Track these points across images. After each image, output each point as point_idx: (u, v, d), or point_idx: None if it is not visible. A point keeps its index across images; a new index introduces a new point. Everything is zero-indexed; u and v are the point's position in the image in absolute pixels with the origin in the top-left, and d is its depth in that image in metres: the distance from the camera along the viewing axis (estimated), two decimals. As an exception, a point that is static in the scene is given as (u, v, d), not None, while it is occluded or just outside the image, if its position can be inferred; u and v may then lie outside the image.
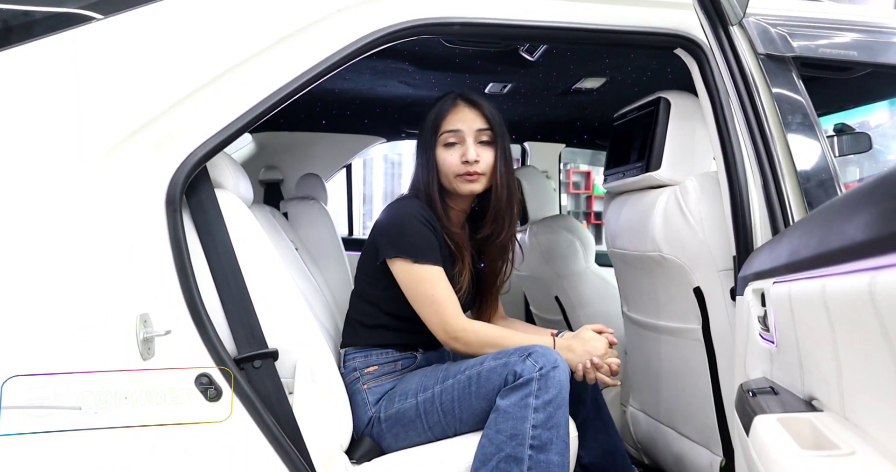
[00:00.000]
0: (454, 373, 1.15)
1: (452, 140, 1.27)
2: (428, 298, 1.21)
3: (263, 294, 1.06)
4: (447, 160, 1.27)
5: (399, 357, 1.28)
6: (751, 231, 1.07)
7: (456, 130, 1.27)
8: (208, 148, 1.01)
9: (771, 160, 1.04)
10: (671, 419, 1.45)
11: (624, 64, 1.64)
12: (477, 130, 1.27)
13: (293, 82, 1.07)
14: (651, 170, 1.33)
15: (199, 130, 1.01)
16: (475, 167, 1.25)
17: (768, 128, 1.06)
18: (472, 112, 1.28)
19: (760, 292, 0.79)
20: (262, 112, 1.05)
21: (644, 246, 1.36)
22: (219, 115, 1.02)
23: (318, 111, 2.28)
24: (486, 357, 1.13)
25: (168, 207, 0.98)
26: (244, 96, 1.04)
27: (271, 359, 1.05)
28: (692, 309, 1.27)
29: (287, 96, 1.07)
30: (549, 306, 2.12)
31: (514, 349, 1.10)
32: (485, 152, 1.27)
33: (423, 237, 1.22)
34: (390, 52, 1.63)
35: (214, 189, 1.08)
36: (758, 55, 1.11)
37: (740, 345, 0.93)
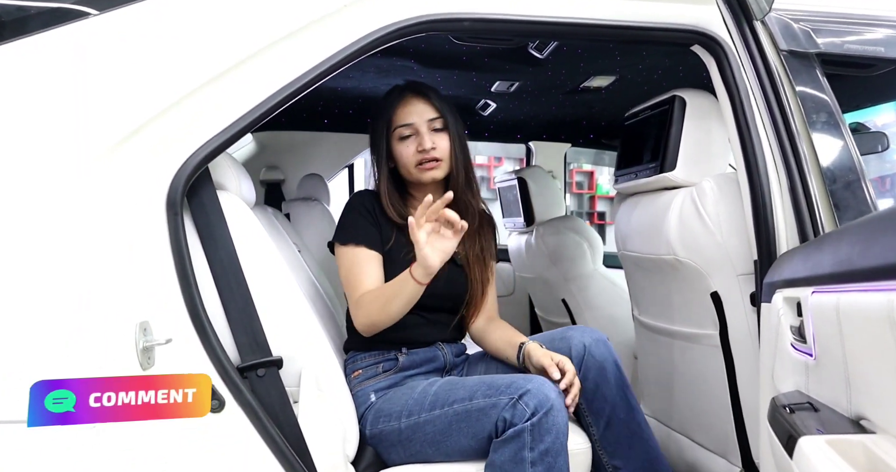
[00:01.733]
0: (442, 402, 1.10)
1: (407, 133, 1.28)
2: (345, 281, 1.25)
3: (267, 300, 1.03)
4: (404, 153, 1.28)
5: (381, 359, 1.25)
6: (774, 235, 1.03)
7: (409, 123, 1.28)
8: (210, 149, 0.97)
9: (798, 161, 1.00)
10: (685, 426, 1.41)
11: (635, 62, 1.60)
12: (429, 119, 1.28)
13: (297, 81, 1.03)
14: (665, 170, 1.30)
15: (200, 130, 0.97)
16: (432, 154, 1.26)
17: (795, 127, 1.02)
18: (422, 103, 1.29)
19: (795, 301, 0.75)
20: (265, 111, 1.01)
21: (658, 249, 1.32)
22: (221, 114, 0.99)
23: (320, 110, 2.24)
24: (476, 390, 1.07)
25: (169, 210, 0.94)
26: (247, 95, 1.00)
27: (275, 367, 1.01)
28: (709, 314, 1.23)
29: (291, 95, 1.03)
30: (556, 308, 2.08)
31: (507, 384, 1.05)
32: (440, 139, 1.28)
33: (351, 220, 1.27)
34: (396, 50, 1.59)
35: (216, 191, 1.05)
36: (780, 52, 1.07)
37: (766, 354, 0.90)
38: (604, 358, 1.17)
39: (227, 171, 1.12)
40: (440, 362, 1.27)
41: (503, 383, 1.06)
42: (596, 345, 1.18)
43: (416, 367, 1.25)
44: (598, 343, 1.19)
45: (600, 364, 1.16)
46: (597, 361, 1.16)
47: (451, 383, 1.14)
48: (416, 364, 1.25)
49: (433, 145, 1.26)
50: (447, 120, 1.29)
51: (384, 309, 1.16)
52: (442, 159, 1.27)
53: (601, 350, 1.17)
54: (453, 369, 1.30)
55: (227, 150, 1.05)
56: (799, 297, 0.73)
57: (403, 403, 1.14)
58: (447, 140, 1.29)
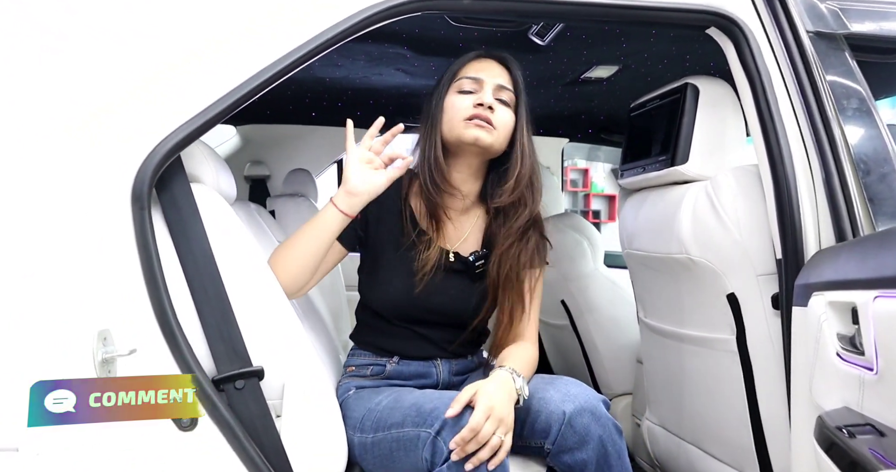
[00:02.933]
0: (382, 425, 0.98)
1: (468, 88, 1.10)
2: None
3: (247, 304, 0.93)
4: (456, 104, 1.09)
5: (372, 362, 1.15)
6: (801, 231, 0.95)
7: (476, 77, 1.10)
8: (182, 135, 0.87)
9: (835, 151, 0.92)
10: (695, 435, 1.33)
11: (641, 50, 1.52)
12: (498, 85, 1.11)
13: (281, 61, 0.93)
14: (677, 164, 1.21)
15: (171, 114, 0.87)
16: (489, 113, 1.07)
17: (830, 115, 0.94)
18: (499, 67, 1.13)
19: (847, 307, 0.67)
20: (244, 95, 0.91)
21: (668, 248, 1.24)
22: (194, 97, 0.89)
23: (307, 102, 2.14)
24: (407, 414, 0.95)
25: (135, 204, 0.84)
26: (224, 77, 0.90)
27: (256, 378, 0.92)
28: (724, 318, 1.15)
29: (273, 78, 0.93)
30: (555, 310, 1.99)
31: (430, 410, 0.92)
32: (502, 110, 1.10)
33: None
34: (387, 36, 1.50)
35: (190, 183, 0.95)
36: (808, 33, 0.98)
37: (800, 363, 0.81)
38: (586, 431, 0.91)
39: (202, 162, 1.01)
40: (433, 379, 1.16)
41: (427, 408, 0.93)
42: (578, 415, 0.91)
43: (404, 379, 1.15)
44: (583, 413, 0.92)
45: (582, 438, 0.91)
46: (577, 434, 0.92)
47: (397, 399, 1.01)
48: (405, 376, 1.14)
49: (492, 104, 1.07)
50: (519, 99, 1.13)
51: (291, 241, 1.02)
52: (497, 128, 1.08)
53: (585, 422, 0.91)
54: (449, 388, 1.18)
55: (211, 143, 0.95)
56: (854, 302, 0.64)
57: (360, 411, 1.04)
58: (511, 117, 1.11)
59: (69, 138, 0.82)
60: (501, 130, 1.10)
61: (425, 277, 1.08)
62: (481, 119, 1.07)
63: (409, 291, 1.09)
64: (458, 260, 1.14)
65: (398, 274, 1.11)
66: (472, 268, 1.14)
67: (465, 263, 1.14)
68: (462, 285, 1.14)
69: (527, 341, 1.14)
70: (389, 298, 1.11)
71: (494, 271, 1.12)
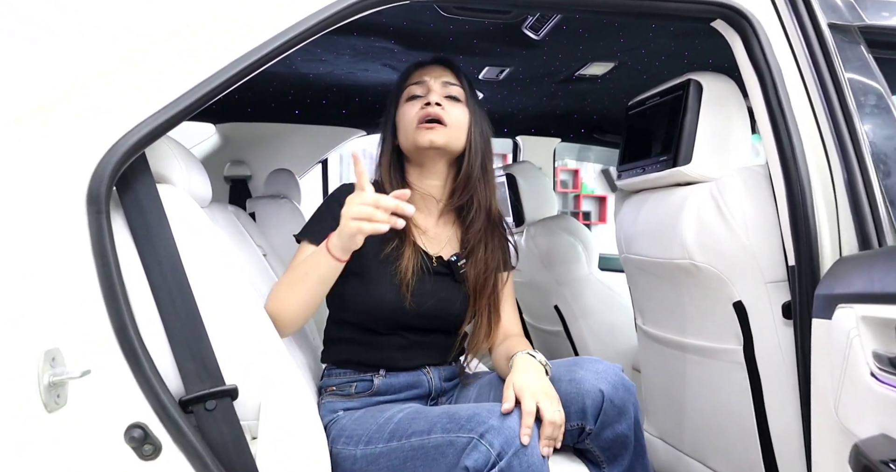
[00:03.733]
0: (401, 433, 0.92)
1: (417, 92, 1.11)
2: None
3: (220, 316, 0.85)
4: (407, 113, 1.10)
5: (355, 379, 1.08)
6: (816, 236, 0.89)
7: (420, 81, 1.12)
8: (146, 131, 0.79)
9: (858, 151, 0.85)
10: (698, 449, 1.27)
11: (639, 45, 1.46)
12: (444, 81, 1.12)
13: (258, 51, 0.85)
14: (680, 164, 1.15)
15: (133, 106, 0.79)
16: (436, 111, 1.07)
17: (853, 112, 0.88)
18: (441, 68, 1.14)
19: (888, 323, 0.60)
20: (217, 87, 0.83)
21: (670, 252, 1.18)
22: (161, 88, 0.80)
23: (290, 100, 2.05)
24: (437, 422, 0.89)
25: (90, 206, 0.76)
26: (196, 66, 0.82)
27: (229, 398, 0.84)
28: (730, 327, 1.09)
29: (250, 68, 0.85)
30: (548, 315, 1.93)
31: (468, 417, 0.86)
32: (452, 107, 1.10)
33: (318, 215, 1.10)
34: (374, 28, 1.42)
35: (157, 184, 0.86)
36: (828, 25, 0.92)
37: (824, 380, 0.75)
38: (624, 404, 0.95)
39: (171, 161, 0.93)
40: (424, 388, 1.10)
41: (465, 415, 0.87)
42: (615, 390, 0.94)
43: (395, 392, 1.08)
44: (618, 387, 0.95)
45: (620, 411, 0.95)
46: (617, 408, 0.94)
47: (417, 411, 0.96)
48: (395, 389, 1.07)
49: (440, 102, 1.08)
50: (466, 92, 1.13)
51: (291, 289, 0.97)
52: (448, 126, 1.08)
53: (621, 395, 0.94)
54: (441, 395, 1.13)
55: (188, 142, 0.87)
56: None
57: (366, 428, 0.98)
58: (464, 112, 1.11)
59: (17, 132, 0.74)
60: (455, 127, 1.09)
61: (410, 284, 1.05)
62: (431, 119, 1.07)
63: (402, 299, 1.05)
64: (441, 263, 1.12)
65: (387, 283, 1.05)
66: (456, 270, 1.12)
67: (448, 265, 1.12)
68: (449, 287, 1.11)
69: (517, 336, 1.16)
70: (382, 307, 1.05)
71: (471, 275, 1.12)
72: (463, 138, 1.11)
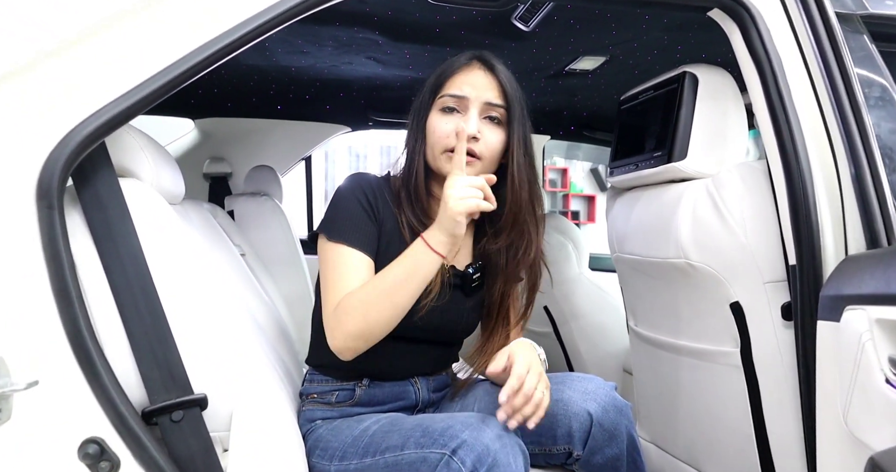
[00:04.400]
0: (375, 448, 0.87)
1: (452, 105, 0.97)
2: (325, 282, 0.94)
3: (189, 320, 0.80)
4: (438, 128, 0.96)
5: (337, 387, 1.01)
6: (818, 234, 0.85)
7: (460, 95, 0.97)
8: (105, 118, 0.73)
9: (867, 146, 0.81)
10: (692, 455, 1.23)
11: (631, 38, 1.42)
12: (486, 102, 0.97)
13: (227, 36, 0.80)
14: (674, 160, 1.10)
15: (91, 92, 0.73)
16: (471, 144, 0.94)
17: (861, 105, 0.83)
18: (488, 78, 0.98)
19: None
20: (182, 74, 0.77)
21: (665, 251, 1.13)
22: (123, 72, 0.74)
23: (272, 95, 1.98)
24: (410, 436, 0.84)
25: (41, 201, 0.69)
26: (162, 49, 0.76)
27: (198, 408, 0.79)
28: (727, 329, 1.05)
29: (218, 54, 0.79)
30: (537, 316, 1.89)
31: (441, 430, 0.81)
32: (490, 132, 0.97)
33: (345, 213, 0.97)
34: (357, 18, 1.36)
35: (119, 179, 0.80)
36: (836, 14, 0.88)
37: (831, 386, 0.71)
38: (615, 426, 0.88)
39: (137, 154, 0.87)
40: (410, 399, 1.04)
41: (438, 428, 0.82)
42: (604, 412, 0.88)
43: (378, 404, 1.01)
44: (608, 409, 0.89)
45: (611, 434, 0.89)
46: (607, 431, 0.89)
47: (393, 423, 0.90)
48: (378, 400, 1.01)
49: (477, 134, 0.94)
50: (512, 114, 0.98)
51: (391, 299, 0.87)
52: (482, 158, 0.96)
53: (612, 417, 0.89)
54: (428, 406, 1.06)
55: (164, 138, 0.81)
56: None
57: (341, 440, 0.92)
58: (500, 138, 0.97)
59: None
60: (488, 159, 0.98)
61: (429, 304, 0.96)
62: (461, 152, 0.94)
63: (412, 313, 0.95)
64: (454, 275, 1.03)
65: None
66: (469, 282, 1.03)
67: (462, 277, 1.03)
68: (456, 299, 1.03)
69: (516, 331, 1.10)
70: None
71: (497, 297, 1.05)
72: (495, 166, 0.99)
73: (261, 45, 1.51)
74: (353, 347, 0.90)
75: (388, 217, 0.99)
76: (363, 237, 0.95)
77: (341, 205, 0.98)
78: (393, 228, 0.99)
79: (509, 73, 1.02)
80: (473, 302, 1.05)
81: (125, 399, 0.72)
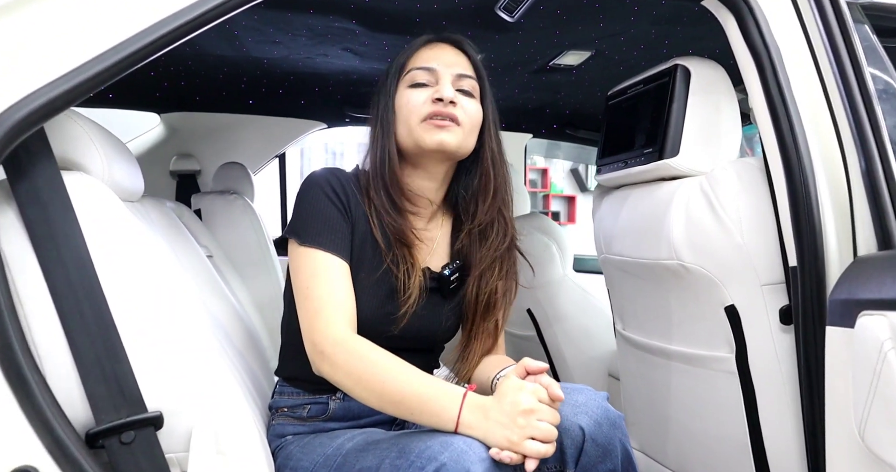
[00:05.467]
0: (349, 468, 0.80)
1: (422, 80, 0.92)
2: (303, 292, 0.86)
3: (143, 329, 0.72)
4: (411, 101, 0.91)
5: (309, 401, 0.94)
6: (821, 234, 0.81)
7: (429, 67, 0.92)
8: (42, 101, 0.65)
9: (879, 140, 0.77)
10: (683, 464, 1.18)
11: (619, 32, 1.37)
12: (457, 74, 0.92)
13: (184, 14, 0.71)
14: (666, 157, 1.06)
15: (24, 71, 0.65)
16: (452, 109, 0.89)
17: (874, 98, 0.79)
18: (454, 53, 0.95)
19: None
20: (134, 54, 0.69)
21: (656, 252, 1.09)
22: (65, 50, 0.66)
23: (243, 88, 1.89)
24: (386, 455, 0.76)
25: (-36, 196, 0.61)
26: (109, 25, 0.68)
27: (151, 428, 0.71)
28: (722, 333, 1.01)
29: (173, 35, 0.71)
30: (520, 319, 1.83)
31: (421, 449, 0.73)
32: (467, 102, 0.92)
33: (315, 212, 0.88)
34: (333, 6, 1.28)
35: (63, 172, 0.72)
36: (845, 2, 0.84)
37: (844, 397, 0.66)
38: (609, 441, 0.82)
39: (86, 145, 0.78)
40: (387, 414, 0.97)
41: (416, 448, 0.74)
42: (597, 426, 0.81)
43: (353, 418, 0.94)
44: (601, 423, 0.82)
45: (605, 450, 0.82)
46: (601, 447, 0.82)
47: (367, 441, 0.83)
48: (354, 415, 0.94)
49: (453, 98, 0.89)
50: (484, 89, 0.95)
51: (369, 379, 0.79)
52: (462, 125, 0.90)
53: (605, 432, 0.82)
54: (407, 421, 0.99)
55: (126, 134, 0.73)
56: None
57: (312, 459, 0.85)
58: (478, 107, 0.94)
59: None
60: (468, 127, 0.92)
61: (410, 308, 0.89)
62: (443, 116, 0.89)
63: (387, 319, 0.89)
64: (429, 277, 0.96)
65: (373, 299, 0.90)
66: (446, 284, 0.96)
67: (438, 279, 0.96)
68: (434, 303, 0.96)
69: (501, 354, 1.04)
70: (360, 325, 0.88)
71: (472, 294, 0.97)
72: (474, 141, 0.95)
73: (230, 35, 1.43)
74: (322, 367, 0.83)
75: (360, 217, 0.91)
76: (339, 240, 0.87)
77: (310, 203, 0.89)
78: (366, 230, 0.91)
79: (476, 49, 0.98)
80: (452, 304, 0.99)
81: (64, 421, 0.64)
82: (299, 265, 0.88)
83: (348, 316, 0.85)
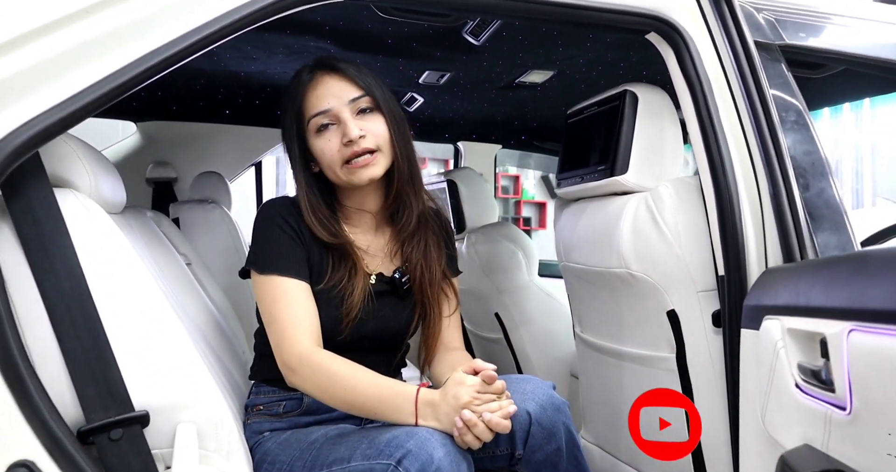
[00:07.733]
0: (322, 461, 0.88)
1: (325, 122, 0.99)
2: (268, 317, 0.97)
3: (129, 333, 0.78)
4: (326, 149, 0.99)
5: (284, 397, 1.02)
6: (743, 247, 0.92)
7: (324, 110, 0.99)
8: (39, 128, 0.70)
9: (782, 165, 0.88)
10: (633, 456, 1.28)
11: (577, 55, 1.47)
12: (351, 100, 0.99)
13: (175, 45, 0.78)
14: (616, 174, 1.16)
15: (23, 99, 0.70)
16: (363, 144, 0.97)
17: (777, 127, 0.90)
18: (338, 81, 1.00)
19: (814, 337, 0.61)
20: (126, 82, 0.76)
21: (608, 261, 1.18)
22: (60, 79, 0.72)
23: (219, 99, 1.94)
24: (357, 447, 0.85)
25: (-34, 215, 0.66)
26: (102, 56, 0.74)
27: (138, 425, 0.76)
28: (664, 335, 1.10)
29: (165, 63, 0.78)
30: (488, 323, 1.92)
31: (387, 440, 0.82)
32: (370, 123, 1.00)
33: (269, 243, 0.99)
34: (308, 27, 1.36)
35: (55, 189, 0.78)
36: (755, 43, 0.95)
37: (751, 389, 0.76)
38: (553, 424, 0.91)
39: (74, 163, 0.84)
40: None
41: (384, 439, 0.83)
42: (542, 411, 0.91)
43: (327, 411, 1.02)
44: (546, 408, 0.91)
45: (550, 432, 0.91)
46: (546, 429, 0.91)
47: (340, 435, 0.92)
48: (327, 408, 1.01)
49: (362, 132, 0.97)
50: (376, 97, 1.01)
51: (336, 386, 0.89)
52: (379, 149, 0.99)
53: (549, 416, 0.91)
54: None
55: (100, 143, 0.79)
56: (823, 333, 0.59)
57: (289, 453, 0.93)
58: (382, 123, 1.00)
59: None
60: (385, 146, 1.01)
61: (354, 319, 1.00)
62: (359, 154, 0.98)
63: (341, 331, 0.99)
64: (383, 281, 1.06)
65: (328, 308, 0.99)
66: (399, 287, 1.06)
67: (390, 283, 1.06)
68: (392, 305, 1.06)
69: (459, 350, 1.12)
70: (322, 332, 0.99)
71: (417, 288, 1.07)
72: (392, 151, 1.03)
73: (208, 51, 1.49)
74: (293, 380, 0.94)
75: (310, 238, 1.01)
76: (293, 263, 0.97)
77: (263, 234, 1.00)
78: (317, 249, 1.01)
79: (353, 62, 1.05)
80: (408, 303, 1.08)
81: (58, 419, 0.69)
82: (262, 292, 0.98)
83: (310, 331, 0.94)
